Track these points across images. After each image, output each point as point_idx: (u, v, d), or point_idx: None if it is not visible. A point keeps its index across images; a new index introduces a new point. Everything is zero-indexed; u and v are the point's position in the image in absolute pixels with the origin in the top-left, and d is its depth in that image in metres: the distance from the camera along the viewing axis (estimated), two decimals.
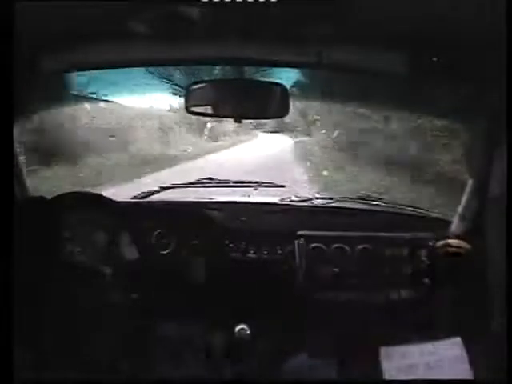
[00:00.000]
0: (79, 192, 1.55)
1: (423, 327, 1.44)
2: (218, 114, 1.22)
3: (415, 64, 1.04)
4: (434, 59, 0.99)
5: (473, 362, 1.08)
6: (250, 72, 1.22)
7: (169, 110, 8.64)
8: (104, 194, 1.61)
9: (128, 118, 7.66)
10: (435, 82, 1.18)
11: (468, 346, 1.11)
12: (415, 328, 1.44)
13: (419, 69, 1.05)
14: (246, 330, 1.42)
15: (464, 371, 1.03)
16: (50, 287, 1.33)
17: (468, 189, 1.35)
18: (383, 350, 1.09)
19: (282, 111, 1.16)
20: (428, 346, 1.10)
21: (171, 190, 1.79)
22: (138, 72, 1.48)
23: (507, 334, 0.81)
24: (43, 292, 1.32)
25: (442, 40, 0.91)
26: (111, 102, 4.71)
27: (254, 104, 1.16)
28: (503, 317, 0.85)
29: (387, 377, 1.06)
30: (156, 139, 8.21)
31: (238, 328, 1.43)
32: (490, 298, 1.18)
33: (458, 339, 1.10)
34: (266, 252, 1.54)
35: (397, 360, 1.07)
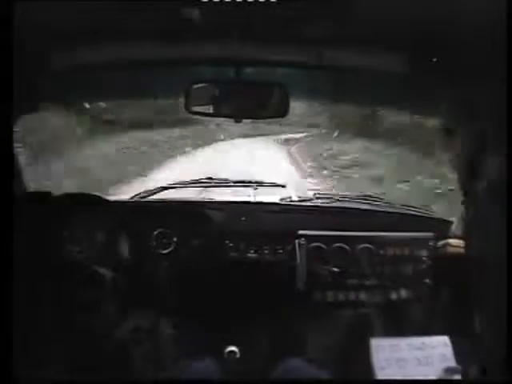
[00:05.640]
0: (79, 192, 1.56)
1: (423, 327, 1.44)
2: (218, 114, 1.22)
3: (415, 64, 1.04)
4: (434, 59, 0.99)
5: (471, 362, 1.08)
6: (249, 72, 1.22)
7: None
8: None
9: None
10: (435, 82, 1.18)
11: (465, 345, 1.10)
12: (415, 328, 1.44)
13: (419, 69, 1.05)
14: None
15: (455, 370, 1.02)
16: (49, 287, 1.33)
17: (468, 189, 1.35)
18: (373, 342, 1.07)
19: (282, 111, 1.16)
20: (417, 341, 1.08)
21: (171, 189, 1.80)
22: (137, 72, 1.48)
23: (507, 334, 0.81)
24: (43, 292, 1.32)
25: (441, 40, 0.91)
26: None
27: (254, 104, 1.16)
28: (503, 317, 0.84)
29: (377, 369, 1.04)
30: None
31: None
32: (490, 297, 1.18)
33: (446, 338, 1.09)
34: (266, 252, 1.54)
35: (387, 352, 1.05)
